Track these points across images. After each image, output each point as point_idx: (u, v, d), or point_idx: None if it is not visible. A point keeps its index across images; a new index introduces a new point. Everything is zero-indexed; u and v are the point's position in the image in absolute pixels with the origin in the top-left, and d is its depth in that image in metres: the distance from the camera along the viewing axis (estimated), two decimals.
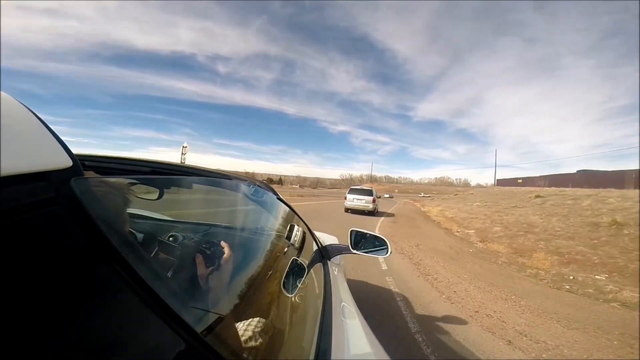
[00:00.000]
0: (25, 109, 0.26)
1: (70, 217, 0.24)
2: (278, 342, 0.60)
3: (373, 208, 12.36)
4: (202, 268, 0.56)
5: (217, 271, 0.62)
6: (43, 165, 0.24)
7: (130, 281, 0.26)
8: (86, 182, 0.28)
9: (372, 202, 12.30)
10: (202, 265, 0.56)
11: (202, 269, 0.56)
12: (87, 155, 0.76)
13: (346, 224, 7.48)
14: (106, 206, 0.35)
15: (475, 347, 2.04)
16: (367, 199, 12.23)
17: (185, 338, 0.29)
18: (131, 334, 0.26)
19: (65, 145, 0.28)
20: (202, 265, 0.56)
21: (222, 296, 0.54)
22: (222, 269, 0.60)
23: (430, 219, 12.54)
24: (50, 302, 0.21)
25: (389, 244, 1.32)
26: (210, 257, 0.61)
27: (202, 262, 0.57)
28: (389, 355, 0.72)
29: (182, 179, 0.73)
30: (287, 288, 0.63)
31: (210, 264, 0.57)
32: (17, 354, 0.19)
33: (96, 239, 0.25)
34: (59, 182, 0.25)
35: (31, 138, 0.25)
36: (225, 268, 0.62)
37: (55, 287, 0.22)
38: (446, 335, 2.19)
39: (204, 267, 0.56)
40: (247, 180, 1.02)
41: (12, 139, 0.22)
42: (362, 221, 9.27)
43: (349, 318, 0.86)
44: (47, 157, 0.25)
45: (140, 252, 0.37)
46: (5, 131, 0.21)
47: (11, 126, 0.23)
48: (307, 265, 0.81)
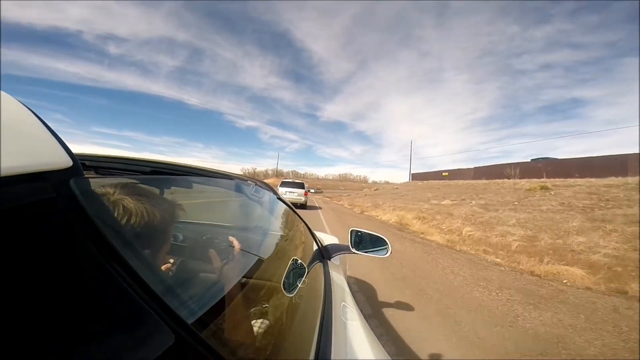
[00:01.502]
0: (25, 109, 0.26)
1: (70, 217, 0.24)
2: (278, 342, 0.60)
3: (305, 201, 13.25)
4: (216, 264, 0.57)
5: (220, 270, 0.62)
6: (43, 165, 0.24)
7: (131, 281, 0.26)
8: (86, 182, 0.28)
9: (304, 195, 13.15)
10: (215, 260, 0.57)
11: (214, 266, 0.57)
12: (87, 155, 0.76)
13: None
14: (106, 206, 0.35)
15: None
16: (299, 192, 12.99)
17: (185, 338, 0.29)
18: (131, 334, 0.26)
19: (65, 145, 0.28)
20: (214, 260, 0.57)
21: (223, 296, 0.54)
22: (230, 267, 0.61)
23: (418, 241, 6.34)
24: (50, 302, 0.21)
25: (389, 244, 1.32)
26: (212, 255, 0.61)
27: (214, 257, 0.58)
28: (390, 356, 0.72)
29: (183, 179, 0.73)
30: (287, 288, 0.63)
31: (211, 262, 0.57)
32: (18, 354, 0.19)
33: (96, 239, 0.25)
34: (59, 182, 0.25)
35: (31, 138, 0.25)
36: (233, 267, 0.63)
37: (55, 287, 0.22)
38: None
39: (210, 265, 0.56)
40: (247, 180, 1.02)
41: (12, 139, 0.22)
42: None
43: (349, 318, 0.86)
44: (47, 157, 0.25)
45: (140, 252, 0.37)
46: (5, 131, 0.21)
47: (11, 126, 0.23)
48: (307, 265, 0.80)
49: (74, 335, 0.22)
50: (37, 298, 0.20)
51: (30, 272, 0.20)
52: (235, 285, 0.61)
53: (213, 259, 0.62)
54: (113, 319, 0.25)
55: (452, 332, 2.29)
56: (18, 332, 0.19)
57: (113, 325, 0.25)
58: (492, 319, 2.56)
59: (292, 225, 1.22)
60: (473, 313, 2.67)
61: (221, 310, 0.49)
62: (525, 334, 2.32)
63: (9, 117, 0.23)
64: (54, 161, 0.25)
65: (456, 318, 2.54)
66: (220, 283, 0.60)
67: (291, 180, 14.23)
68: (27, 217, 0.22)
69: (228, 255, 0.68)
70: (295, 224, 1.24)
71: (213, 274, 0.62)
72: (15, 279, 0.20)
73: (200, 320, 0.38)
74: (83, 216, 0.25)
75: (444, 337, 2.20)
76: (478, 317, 2.60)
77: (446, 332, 2.28)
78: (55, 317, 0.21)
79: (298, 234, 1.21)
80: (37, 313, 0.20)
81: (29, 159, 0.23)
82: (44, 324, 0.20)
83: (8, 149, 0.21)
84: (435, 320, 2.48)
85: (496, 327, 2.41)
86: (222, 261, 0.64)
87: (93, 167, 0.75)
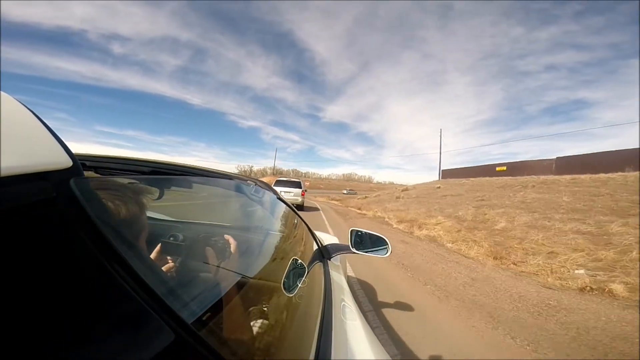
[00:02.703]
0: (25, 109, 0.26)
1: (70, 217, 0.24)
2: (278, 342, 0.60)
3: (302, 202, 11.67)
4: (210, 262, 0.57)
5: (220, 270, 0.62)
6: (43, 165, 0.24)
7: (131, 281, 0.26)
8: (86, 182, 0.28)
9: (301, 196, 11.53)
10: (211, 259, 0.57)
11: (207, 264, 0.57)
12: (87, 155, 0.76)
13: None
14: (106, 206, 0.35)
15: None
16: (295, 192, 11.33)
17: (185, 337, 0.29)
18: (131, 334, 0.26)
19: (65, 145, 0.28)
20: (210, 259, 0.57)
21: (223, 296, 0.54)
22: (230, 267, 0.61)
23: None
24: (50, 302, 0.21)
25: (389, 244, 1.32)
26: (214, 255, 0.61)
27: (213, 256, 0.58)
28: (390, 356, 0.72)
29: (183, 179, 0.73)
30: (287, 288, 0.63)
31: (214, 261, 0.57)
32: (18, 354, 0.19)
33: (96, 239, 0.25)
34: (59, 182, 0.25)
35: (31, 138, 0.25)
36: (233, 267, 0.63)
37: (55, 287, 0.22)
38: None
39: (208, 264, 0.56)
40: (247, 179, 1.02)
41: (12, 139, 0.22)
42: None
43: (349, 318, 0.86)
44: (47, 157, 0.25)
45: (140, 252, 0.37)
46: (5, 131, 0.21)
47: (11, 126, 0.23)
48: (307, 265, 0.81)
49: (73, 335, 0.22)
50: (37, 298, 0.20)
51: (31, 272, 0.20)
52: (235, 285, 0.61)
53: (213, 259, 0.62)
54: (113, 318, 0.25)
55: None
56: (18, 332, 0.19)
57: (113, 325, 0.25)
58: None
59: (292, 225, 1.23)
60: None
61: (221, 310, 0.49)
62: None
63: (9, 118, 0.23)
64: (54, 161, 0.25)
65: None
66: (220, 283, 0.60)
67: (286, 179, 12.45)
68: (27, 217, 0.22)
69: (228, 255, 0.68)
70: (295, 224, 1.24)
71: (213, 274, 0.62)
72: (15, 279, 0.20)
73: (200, 320, 0.38)
74: (83, 216, 0.25)
75: None
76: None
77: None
78: (55, 317, 0.21)
79: (298, 233, 1.21)
80: (37, 313, 0.20)
81: (29, 159, 0.23)
82: (44, 324, 0.20)
83: (8, 149, 0.21)
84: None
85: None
86: (222, 261, 0.64)
87: (93, 167, 0.75)
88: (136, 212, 0.42)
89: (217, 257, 0.62)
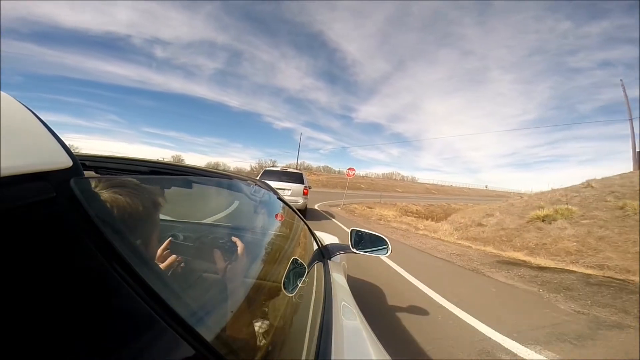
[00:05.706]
0: (25, 109, 0.26)
1: (70, 217, 0.24)
2: (278, 342, 0.60)
3: (303, 204, 7.16)
4: (217, 264, 0.57)
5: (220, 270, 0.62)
6: (43, 165, 0.24)
7: (131, 281, 0.26)
8: (86, 182, 0.28)
9: (302, 195, 7.10)
10: (214, 260, 0.57)
11: (215, 265, 0.57)
12: (87, 155, 0.76)
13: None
14: (106, 206, 0.35)
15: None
16: (293, 189, 7.00)
17: (186, 338, 0.29)
18: (131, 334, 0.26)
19: (65, 145, 0.28)
20: (214, 259, 0.57)
21: (222, 296, 0.54)
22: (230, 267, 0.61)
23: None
24: (50, 302, 0.21)
25: (389, 243, 1.32)
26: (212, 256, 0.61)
27: (220, 258, 0.58)
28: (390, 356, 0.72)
29: (182, 179, 0.73)
30: (288, 288, 0.63)
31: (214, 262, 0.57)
32: (18, 354, 0.19)
33: (96, 239, 0.25)
34: (59, 182, 0.25)
35: (31, 138, 0.25)
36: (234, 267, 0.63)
37: (55, 287, 0.22)
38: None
39: (216, 265, 0.56)
40: (247, 180, 1.02)
41: (12, 139, 0.22)
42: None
43: (349, 318, 0.86)
44: (47, 157, 0.25)
45: (140, 252, 0.37)
46: (5, 131, 0.21)
47: (11, 126, 0.23)
48: (307, 265, 0.80)
49: (73, 335, 0.22)
50: (37, 298, 0.20)
51: (31, 272, 0.20)
52: (235, 285, 0.61)
53: (213, 259, 0.62)
54: (113, 318, 0.25)
55: None
56: (18, 332, 0.19)
57: (113, 325, 0.25)
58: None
59: (292, 225, 1.22)
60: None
61: (222, 310, 0.49)
62: None
63: (9, 118, 0.23)
64: (54, 161, 0.25)
65: None
66: (220, 283, 0.60)
67: (279, 169, 7.82)
68: (28, 217, 0.22)
69: (229, 255, 0.68)
70: (296, 224, 1.24)
71: (213, 274, 0.62)
72: (15, 279, 0.20)
73: (201, 320, 0.38)
74: (83, 216, 0.25)
75: None
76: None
77: None
78: (55, 317, 0.21)
79: (298, 233, 1.21)
80: (37, 313, 0.20)
81: (29, 159, 0.23)
82: (44, 324, 0.20)
83: (8, 149, 0.21)
84: None
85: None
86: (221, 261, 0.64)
87: (93, 167, 0.75)
88: (144, 211, 0.41)
89: (218, 258, 0.62)
